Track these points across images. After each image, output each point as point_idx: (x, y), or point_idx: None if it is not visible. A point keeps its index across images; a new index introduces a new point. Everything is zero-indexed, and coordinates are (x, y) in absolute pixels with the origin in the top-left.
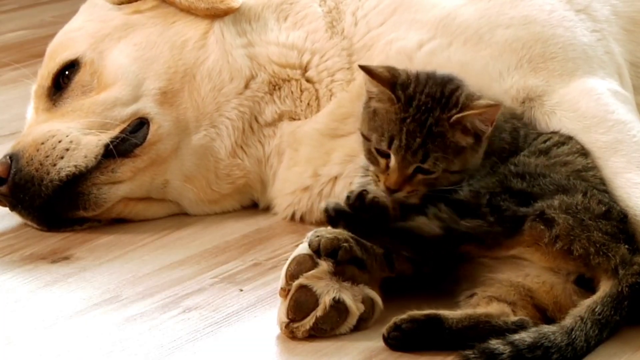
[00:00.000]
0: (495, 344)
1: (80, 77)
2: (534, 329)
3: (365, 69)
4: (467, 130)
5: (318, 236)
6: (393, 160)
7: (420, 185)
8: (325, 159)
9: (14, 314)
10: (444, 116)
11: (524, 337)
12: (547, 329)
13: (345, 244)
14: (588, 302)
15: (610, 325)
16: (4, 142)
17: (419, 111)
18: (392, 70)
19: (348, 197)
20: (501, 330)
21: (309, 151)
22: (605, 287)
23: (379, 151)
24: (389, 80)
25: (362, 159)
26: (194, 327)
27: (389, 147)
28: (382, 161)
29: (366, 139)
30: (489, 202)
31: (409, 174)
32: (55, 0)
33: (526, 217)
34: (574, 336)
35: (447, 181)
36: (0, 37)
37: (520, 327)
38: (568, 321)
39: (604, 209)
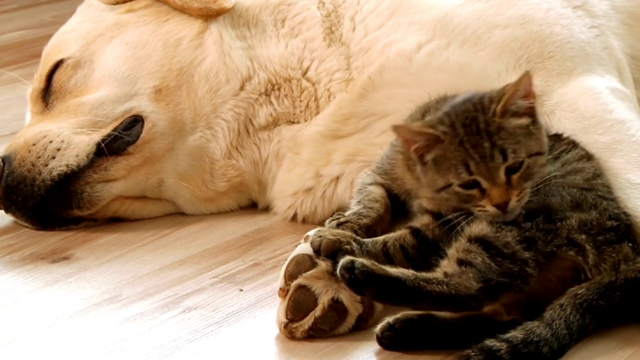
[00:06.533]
0: (491, 342)
1: (72, 78)
2: (521, 326)
3: (399, 127)
4: (518, 114)
5: (320, 237)
6: (482, 181)
7: (522, 182)
8: (326, 160)
9: (14, 314)
10: (489, 115)
11: (515, 334)
12: (531, 324)
13: (347, 247)
14: (573, 288)
15: (594, 310)
16: (3, 142)
17: (466, 127)
18: (423, 122)
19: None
20: (494, 330)
21: (310, 152)
22: (597, 277)
23: (464, 186)
24: (425, 125)
25: (378, 161)
26: (194, 327)
27: (470, 173)
28: (475, 192)
29: (445, 188)
30: (525, 234)
31: (504, 180)
32: (55, 0)
33: (556, 252)
34: (554, 326)
35: (538, 166)
36: (0, 37)
37: (513, 327)
38: (548, 313)
39: (615, 224)
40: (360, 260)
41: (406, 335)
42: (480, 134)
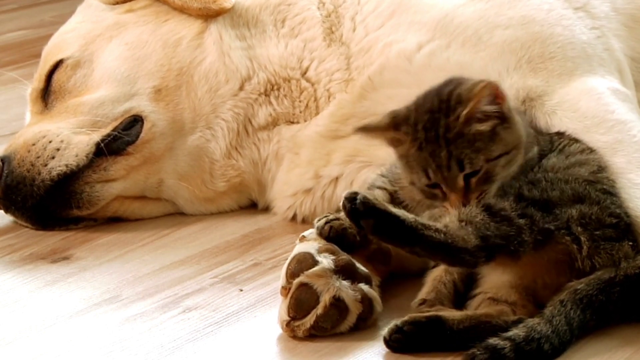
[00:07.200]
0: (494, 340)
1: (71, 78)
2: (522, 323)
3: (363, 129)
4: (483, 119)
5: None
6: (442, 186)
7: (482, 185)
8: (326, 160)
9: (14, 314)
10: (451, 119)
11: (517, 332)
12: (532, 322)
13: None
14: (572, 283)
15: (594, 305)
16: (3, 142)
17: (426, 131)
18: (391, 114)
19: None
20: (501, 329)
21: (309, 153)
22: (598, 272)
23: (428, 186)
24: (389, 124)
25: (384, 169)
26: (194, 327)
27: (429, 178)
28: (438, 191)
29: (413, 184)
30: (521, 208)
31: (462, 186)
32: (55, 0)
33: (554, 231)
34: (555, 322)
35: (501, 168)
36: (0, 37)
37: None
38: (548, 309)
39: (614, 221)
40: (363, 193)
41: (414, 337)
42: (439, 141)
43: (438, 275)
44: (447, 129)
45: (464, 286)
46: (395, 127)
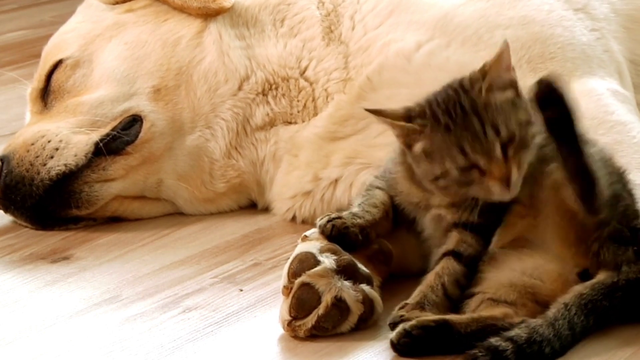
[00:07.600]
0: (496, 341)
1: (71, 78)
2: (524, 324)
3: (376, 111)
4: (502, 88)
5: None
6: (480, 160)
7: (520, 155)
8: (325, 162)
9: (14, 314)
10: (474, 92)
11: (519, 333)
12: (534, 322)
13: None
14: (578, 287)
15: (598, 311)
16: (3, 142)
17: (449, 113)
18: (406, 107)
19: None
20: (506, 332)
21: (308, 155)
22: (600, 276)
23: (465, 169)
24: (402, 115)
25: (379, 172)
26: (194, 327)
27: (465, 155)
28: (474, 173)
29: (441, 177)
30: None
31: (501, 157)
32: (55, 0)
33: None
34: (557, 326)
35: (531, 135)
36: (0, 37)
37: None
38: (552, 311)
39: (638, 226)
40: (559, 85)
41: (422, 341)
42: (468, 114)
43: (428, 280)
44: (473, 102)
45: (459, 288)
46: (407, 119)
